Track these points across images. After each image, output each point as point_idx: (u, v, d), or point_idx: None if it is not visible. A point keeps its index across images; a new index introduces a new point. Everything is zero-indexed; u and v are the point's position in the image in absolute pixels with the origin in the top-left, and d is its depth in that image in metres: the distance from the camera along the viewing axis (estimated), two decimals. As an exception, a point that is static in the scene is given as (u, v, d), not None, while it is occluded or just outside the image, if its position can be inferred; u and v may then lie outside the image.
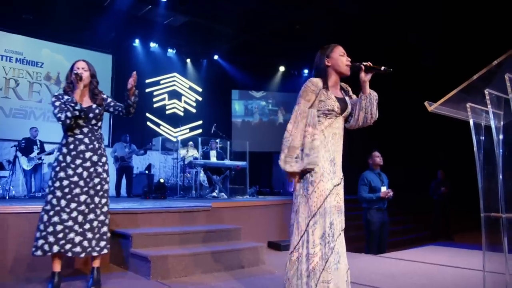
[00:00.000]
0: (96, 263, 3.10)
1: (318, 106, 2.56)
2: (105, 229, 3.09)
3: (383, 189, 5.60)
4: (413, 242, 8.20)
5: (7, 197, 7.59)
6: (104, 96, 3.32)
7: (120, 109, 3.37)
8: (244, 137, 11.72)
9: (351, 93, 2.76)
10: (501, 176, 2.57)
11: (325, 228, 2.42)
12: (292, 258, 2.43)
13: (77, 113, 3.00)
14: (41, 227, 2.91)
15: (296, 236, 2.44)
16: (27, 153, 8.26)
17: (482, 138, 2.81)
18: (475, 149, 2.70)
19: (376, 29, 10.10)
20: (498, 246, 2.47)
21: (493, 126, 2.60)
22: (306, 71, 14.47)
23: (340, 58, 2.61)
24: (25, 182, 8.39)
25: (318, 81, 2.58)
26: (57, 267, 2.96)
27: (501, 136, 2.70)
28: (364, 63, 2.58)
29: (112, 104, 3.37)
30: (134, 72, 3.25)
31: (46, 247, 2.86)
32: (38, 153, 8.34)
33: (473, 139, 2.71)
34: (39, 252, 2.87)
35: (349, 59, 2.63)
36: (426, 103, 2.62)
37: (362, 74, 2.59)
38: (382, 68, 2.55)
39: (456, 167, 9.59)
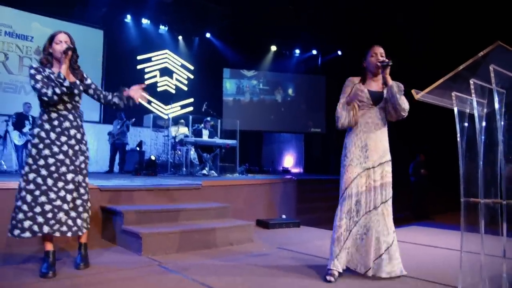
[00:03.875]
0: (84, 239, 3.09)
1: None
2: (86, 207, 3.05)
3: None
4: (395, 222, 8.38)
5: (-2, 172, 7.62)
6: (84, 75, 3.14)
7: (101, 95, 3.20)
8: (235, 116, 11.78)
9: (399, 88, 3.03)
10: (481, 163, 2.68)
11: (351, 205, 2.93)
12: None
13: (65, 89, 2.85)
14: (25, 207, 2.78)
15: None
16: (19, 128, 8.24)
17: (466, 124, 2.89)
18: (458, 136, 2.79)
19: (368, 11, 10.10)
20: (476, 227, 2.59)
21: (476, 114, 2.68)
22: (297, 51, 14.47)
23: (370, 59, 3.06)
24: (16, 157, 8.38)
25: (354, 79, 3.12)
26: (49, 246, 2.90)
27: (484, 123, 2.80)
28: (380, 61, 2.99)
29: (93, 86, 3.18)
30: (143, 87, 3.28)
31: (35, 228, 2.77)
32: (30, 129, 8.32)
33: (456, 127, 2.80)
34: (27, 234, 2.76)
35: (379, 59, 3.00)
36: (413, 91, 2.70)
37: (383, 70, 3.00)
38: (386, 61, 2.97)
39: (439, 150, 9.78)
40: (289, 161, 14.97)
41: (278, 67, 14.36)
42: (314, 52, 14.54)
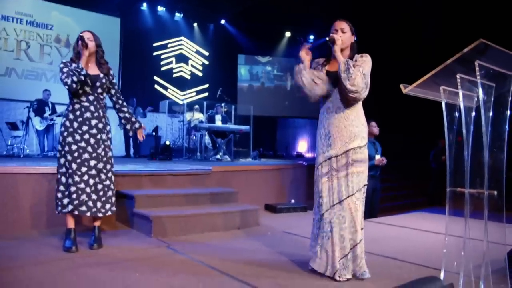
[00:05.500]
0: (97, 223, 3.37)
1: None
2: (110, 193, 3.36)
3: (377, 157, 5.85)
4: (409, 207, 8.47)
5: (22, 156, 7.97)
6: (111, 72, 3.45)
7: (118, 102, 3.52)
8: (249, 102, 11.92)
9: (357, 62, 2.69)
10: (469, 154, 2.79)
11: (317, 197, 2.74)
12: None
13: (82, 78, 3.14)
14: (61, 188, 3.20)
15: None
16: (40, 114, 8.59)
17: (457, 115, 2.98)
18: (445, 128, 2.90)
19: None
20: (475, 212, 2.71)
21: (462, 107, 2.80)
22: (312, 37, 14.42)
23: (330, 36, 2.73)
24: (38, 142, 8.76)
25: (320, 60, 2.87)
26: (72, 223, 3.24)
27: (473, 113, 2.90)
28: (329, 36, 2.71)
29: (116, 88, 3.52)
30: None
31: (70, 206, 3.16)
32: (50, 114, 8.67)
33: (444, 120, 2.90)
34: (65, 210, 3.17)
35: (333, 34, 2.71)
36: (401, 86, 2.79)
37: (333, 46, 2.71)
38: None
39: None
40: (303, 146, 15.07)
41: (293, 53, 14.33)
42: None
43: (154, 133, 10.39)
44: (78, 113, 3.24)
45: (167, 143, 8.81)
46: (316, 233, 2.75)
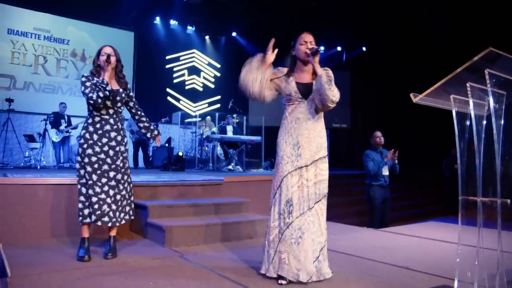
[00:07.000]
0: (113, 232, 3.43)
1: (283, 91, 2.92)
2: (125, 202, 3.43)
3: (385, 168, 5.84)
4: (421, 216, 8.35)
5: (38, 167, 8.12)
6: (128, 86, 3.54)
7: (138, 113, 3.66)
8: (261, 112, 11.92)
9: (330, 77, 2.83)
10: (480, 162, 2.78)
11: (281, 205, 2.76)
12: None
13: (107, 93, 3.23)
14: (82, 198, 3.26)
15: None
16: (56, 126, 8.77)
17: (468, 123, 2.98)
18: (456, 137, 2.90)
19: (388, 3, 10.07)
20: (489, 222, 2.69)
21: (473, 116, 2.80)
22: (322, 48, 14.47)
23: (299, 47, 2.90)
24: (54, 153, 8.93)
25: (283, 69, 2.97)
26: (86, 233, 3.30)
27: (484, 122, 2.89)
28: (309, 48, 2.84)
29: (134, 100, 3.63)
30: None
31: (93, 216, 3.23)
32: (65, 127, 8.83)
33: (455, 128, 2.90)
34: (88, 220, 3.24)
35: (309, 47, 2.86)
36: (411, 95, 2.81)
37: (313, 58, 2.82)
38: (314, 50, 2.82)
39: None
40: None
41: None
42: (339, 48, 14.57)
43: (167, 144, 10.48)
44: (98, 125, 3.32)
45: (180, 154, 8.88)
46: (278, 239, 2.77)
